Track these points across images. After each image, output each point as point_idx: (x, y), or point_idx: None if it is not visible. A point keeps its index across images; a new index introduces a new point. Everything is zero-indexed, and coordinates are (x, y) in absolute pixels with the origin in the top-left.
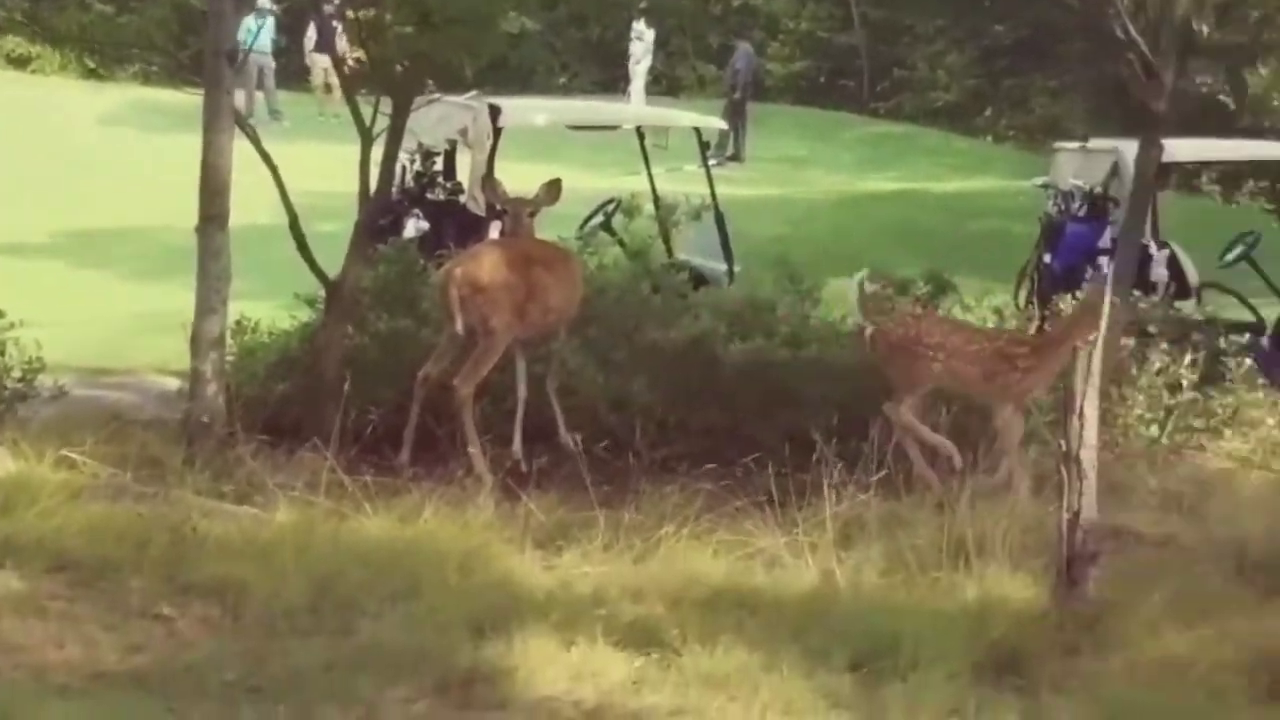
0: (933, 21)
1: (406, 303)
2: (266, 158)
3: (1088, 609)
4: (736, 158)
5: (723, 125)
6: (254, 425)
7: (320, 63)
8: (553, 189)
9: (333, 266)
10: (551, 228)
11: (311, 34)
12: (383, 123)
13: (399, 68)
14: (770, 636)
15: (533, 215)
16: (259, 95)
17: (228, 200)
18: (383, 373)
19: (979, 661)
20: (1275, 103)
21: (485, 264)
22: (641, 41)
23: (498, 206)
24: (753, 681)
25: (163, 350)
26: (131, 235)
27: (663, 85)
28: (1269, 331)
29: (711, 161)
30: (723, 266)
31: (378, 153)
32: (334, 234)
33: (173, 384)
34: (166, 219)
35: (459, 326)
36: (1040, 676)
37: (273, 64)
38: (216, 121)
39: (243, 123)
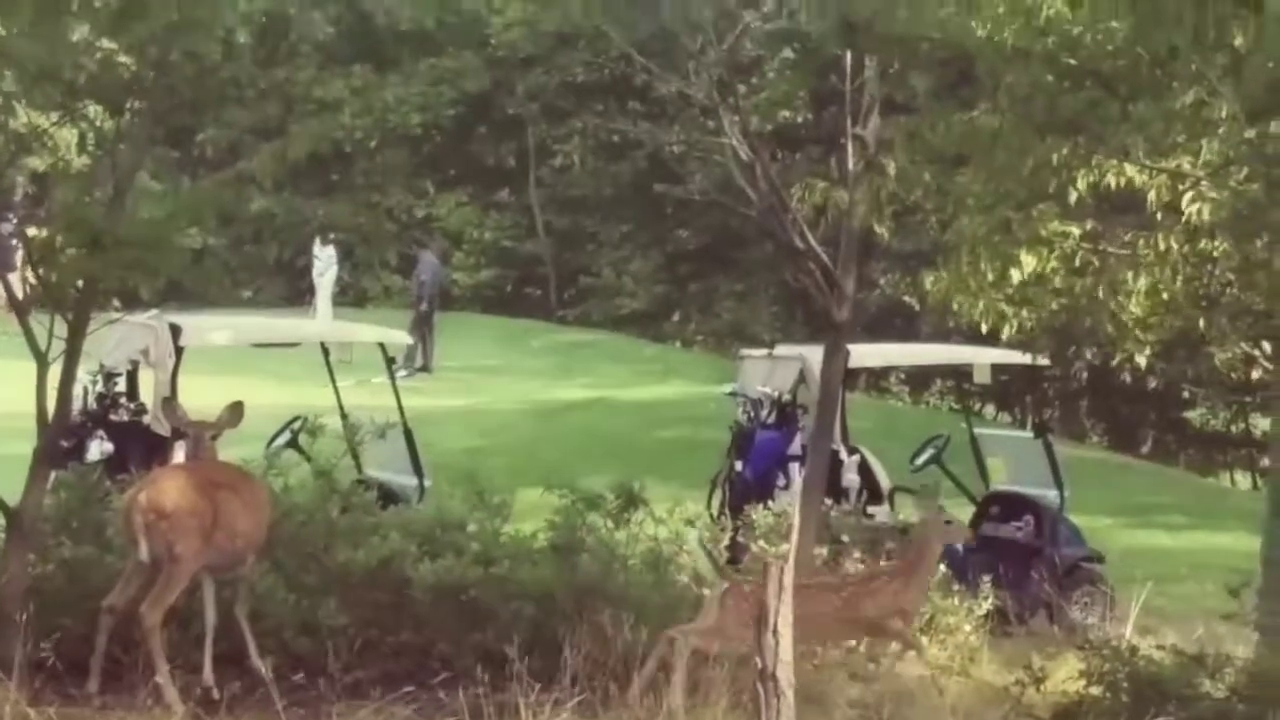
0: (617, 228)
1: (90, 529)
2: None
3: None
4: (425, 368)
5: (408, 340)
6: None
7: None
8: (235, 411)
9: (21, 489)
10: (239, 446)
11: None
12: (61, 345)
13: (72, 290)
14: None
15: (214, 438)
16: None
17: None
18: (67, 600)
19: None
20: (955, 306)
21: (169, 490)
22: (320, 259)
23: (179, 429)
24: None
25: None
26: None
27: (350, 296)
28: None
29: (401, 373)
30: (413, 481)
31: (56, 376)
32: (22, 455)
33: None
34: None
35: (143, 554)
36: None
37: None
38: None
39: None
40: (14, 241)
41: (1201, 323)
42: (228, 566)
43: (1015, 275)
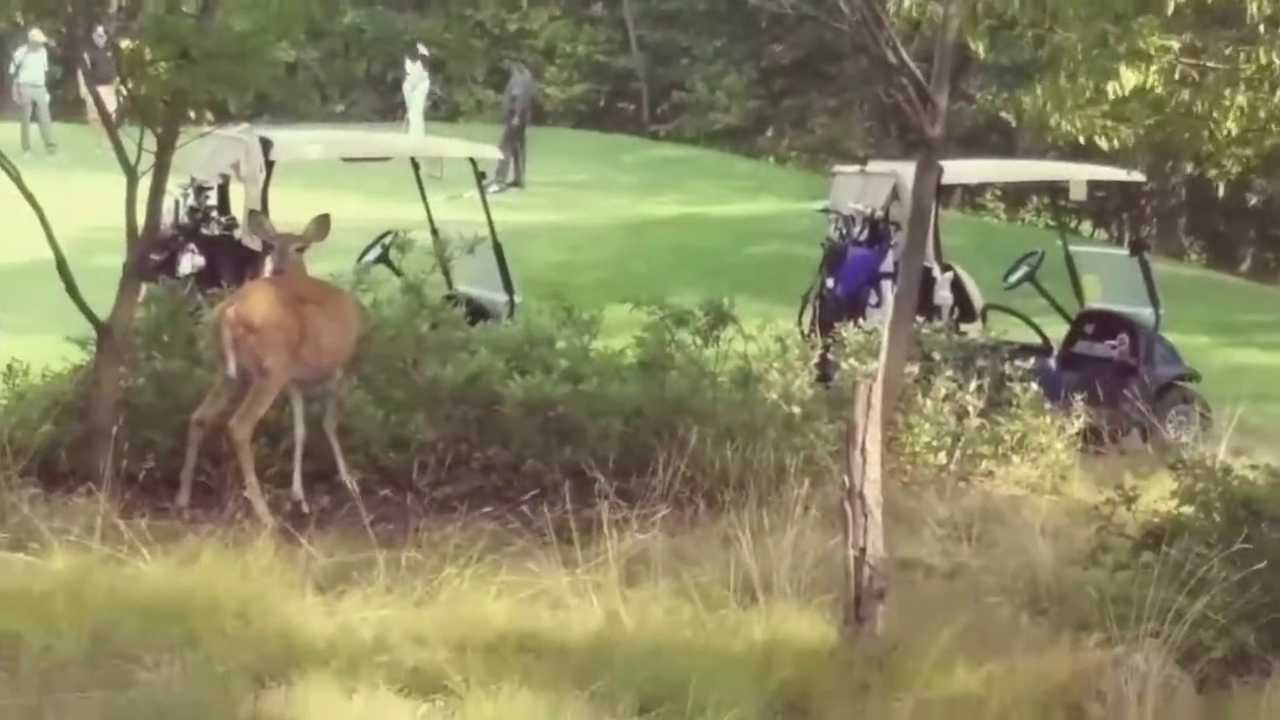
0: (711, 43)
1: (180, 343)
2: (30, 198)
3: (877, 647)
4: (517, 184)
5: (498, 155)
6: (27, 471)
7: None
8: (322, 224)
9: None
10: (330, 261)
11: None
12: (151, 159)
13: (161, 103)
14: (555, 681)
15: (301, 251)
16: (34, 128)
17: None
18: (157, 414)
19: (768, 703)
20: (1053, 121)
21: (257, 304)
22: (411, 74)
23: (267, 242)
24: None
25: None
26: None
27: (442, 111)
28: (1055, 353)
29: (492, 189)
30: (503, 297)
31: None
32: (114, 268)
33: None
34: None
35: (231, 368)
36: (830, 717)
37: (46, 96)
38: None
39: (4, 161)
40: (109, 54)
41: None
42: (315, 381)
43: (1113, 90)
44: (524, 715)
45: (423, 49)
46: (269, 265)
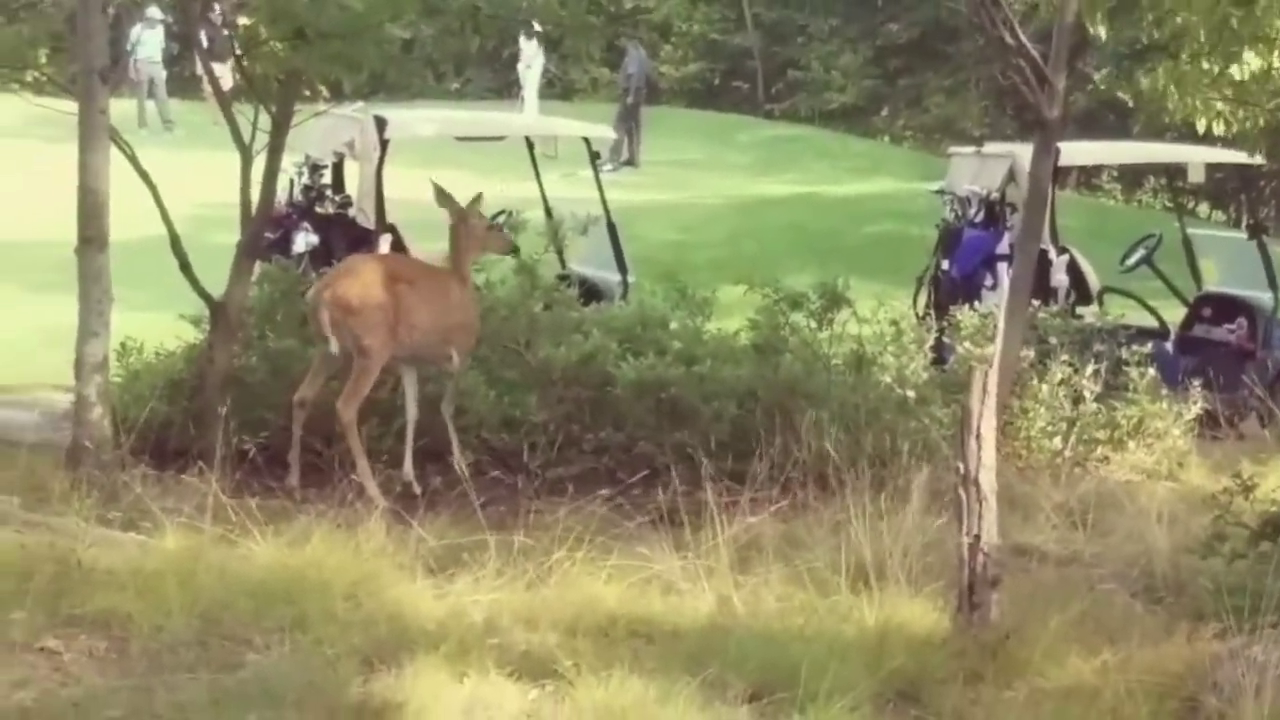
0: (826, 21)
1: (293, 321)
2: (145, 176)
3: (990, 635)
4: (631, 162)
5: (612, 134)
6: (140, 449)
7: (215, 70)
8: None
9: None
10: (443, 238)
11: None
12: (265, 137)
13: (276, 82)
14: (667, 666)
15: (491, 227)
16: (150, 104)
17: (106, 222)
18: (269, 394)
19: (880, 691)
20: (1169, 103)
21: (354, 284)
22: (526, 51)
23: (454, 219)
24: (649, 714)
25: (63, 365)
26: (31, 247)
27: (557, 89)
28: (1172, 337)
29: (606, 167)
30: (617, 277)
31: (261, 168)
32: (228, 246)
33: (68, 402)
34: (66, 232)
35: (334, 347)
36: (942, 706)
37: (163, 73)
38: (91, 141)
39: (119, 139)
40: (225, 32)
41: None
42: (421, 360)
43: (1236, 73)
44: (635, 701)
45: (537, 26)
46: (384, 244)
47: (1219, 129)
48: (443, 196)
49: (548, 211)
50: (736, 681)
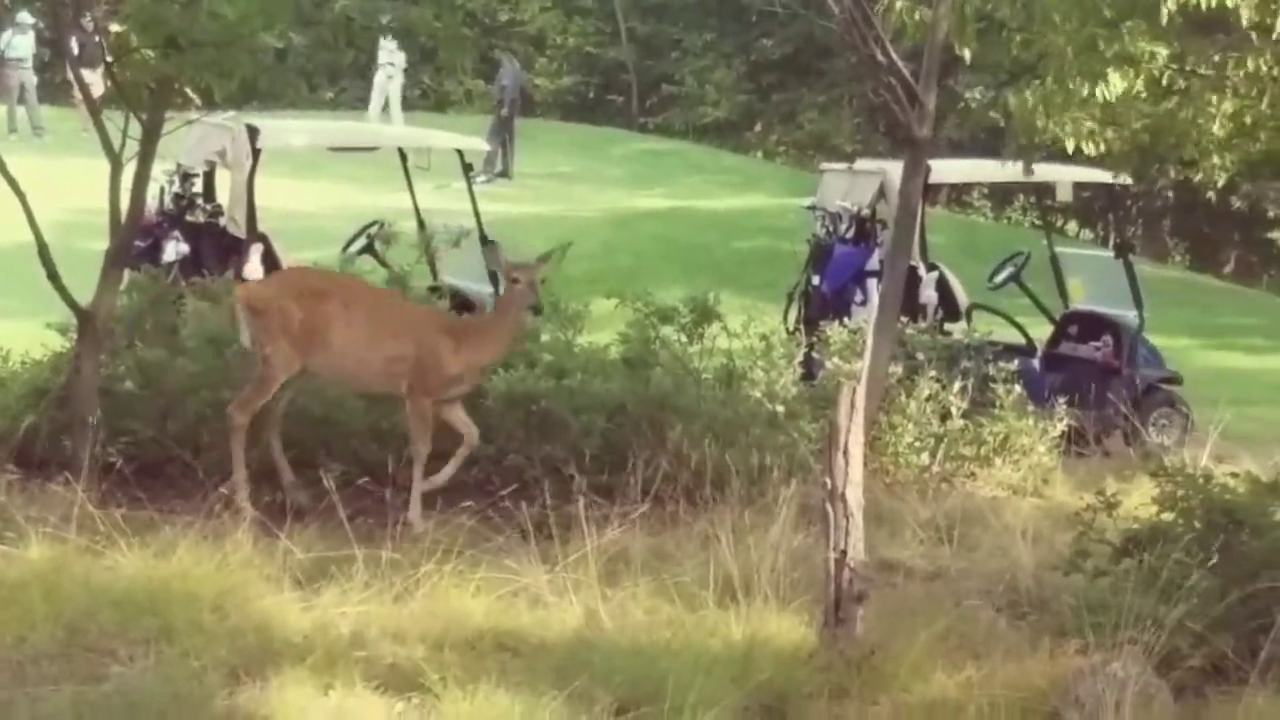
0: (700, 36)
1: (162, 331)
2: (13, 182)
3: (856, 650)
4: (505, 175)
5: (485, 146)
6: (5, 458)
7: (87, 78)
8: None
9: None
10: (314, 250)
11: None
12: (136, 145)
13: (147, 89)
14: (533, 679)
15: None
16: (21, 110)
17: None
18: (137, 403)
19: (745, 705)
20: (1040, 124)
21: (270, 288)
22: (392, 63)
23: (504, 275)
24: None
25: None
26: None
27: (430, 100)
28: (1039, 354)
29: (480, 179)
30: (489, 290)
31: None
32: (98, 253)
33: None
34: None
35: (244, 339)
36: (807, 719)
37: (34, 78)
38: None
39: None
40: (96, 38)
41: None
42: (359, 387)
43: (1101, 95)
44: (501, 714)
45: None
46: (254, 253)
47: (1088, 149)
48: (491, 256)
49: (420, 223)
50: (603, 695)
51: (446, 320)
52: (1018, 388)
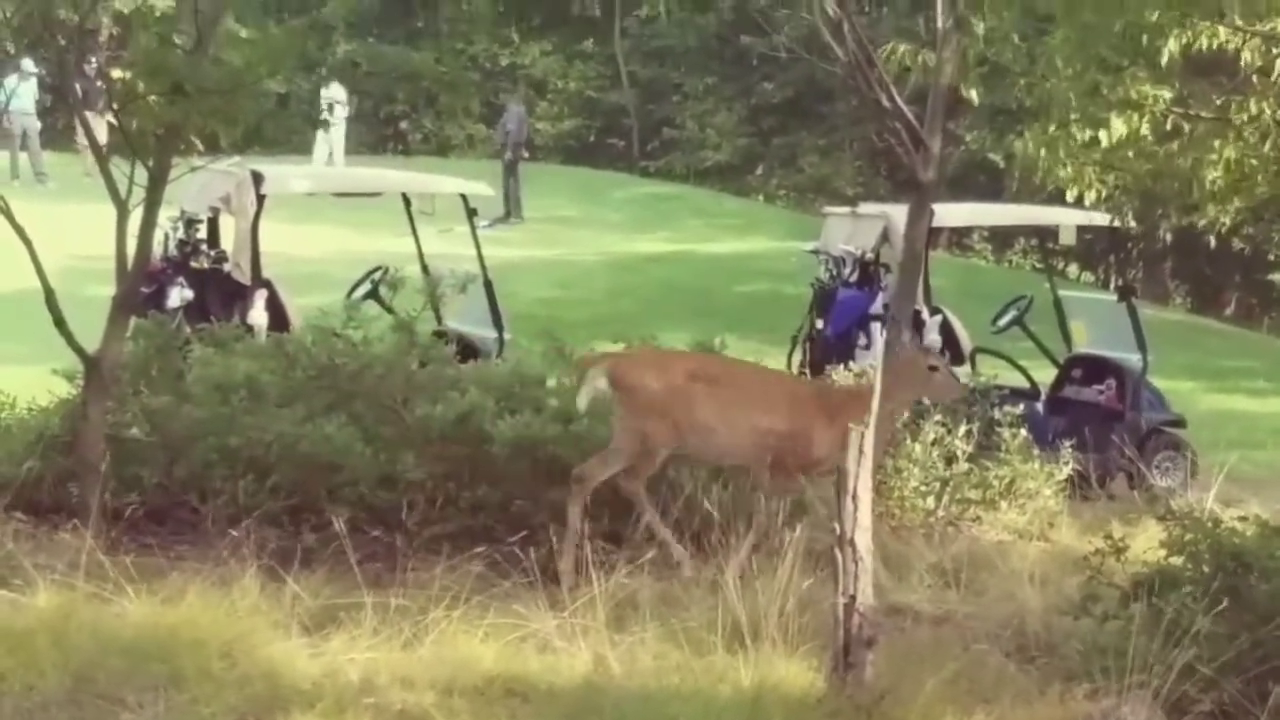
0: (701, 80)
1: (168, 378)
2: (18, 228)
3: (865, 695)
4: (510, 219)
5: (489, 191)
6: (13, 505)
7: (90, 122)
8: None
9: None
10: (319, 294)
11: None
12: (141, 191)
13: (153, 136)
14: None
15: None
16: (23, 156)
17: None
18: (144, 450)
19: None
20: (1043, 168)
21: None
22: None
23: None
24: None
25: None
26: None
27: (432, 145)
28: (1043, 398)
29: (484, 223)
30: (493, 334)
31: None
32: (104, 298)
33: None
34: None
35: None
36: None
37: (37, 124)
38: None
39: None
40: (99, 84)
41: None
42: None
43: (1104, 139)
44: None
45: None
46: (259, 299)
47: (1090, 196)
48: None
49: (424, 268)
50: None
51: (825, 396)
52: (1023, 431)
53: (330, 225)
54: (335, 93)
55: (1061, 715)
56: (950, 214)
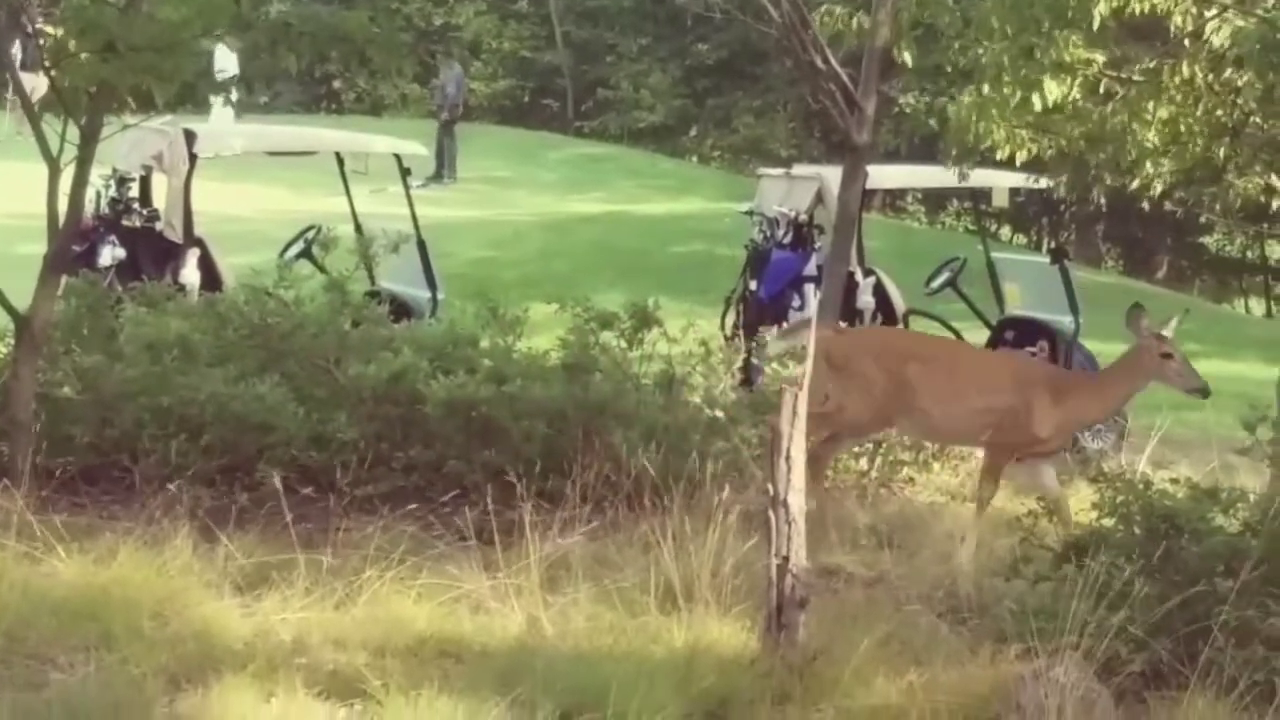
0: (636, 41)
1: (99, 337)
2: None
3: (798, 656)
4: (440, 178)
5: (423, 151)
6: None
7: (28, 82)
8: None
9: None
10: (250, 254)
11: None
12: (73, 149)
13: (85, 94)
14: (476, 686)
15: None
16: None
17: None
18: (75, 409)
19: (688, 711)
20: (976, 132)
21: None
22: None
23: (1145, 341)
24: None
25: None
26: None
27: (365, 104)
28: None
29: (418, 183)
30: (426, 294)
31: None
32: (35, 257)
33: None
34: None
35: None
36: None
37: None
38: None
39: None
40: (35, 41)
41: (1221, 152)
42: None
43: (1038, 102)
44: None
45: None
46: (190, 258)
47: (1022, 156)
48: (1136, 320)
49: (357, 228)
50: (545, 702)
51: (1049, 375)
52: None
53: (263, 184)
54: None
55: (993, 676)
56: (884, 176)
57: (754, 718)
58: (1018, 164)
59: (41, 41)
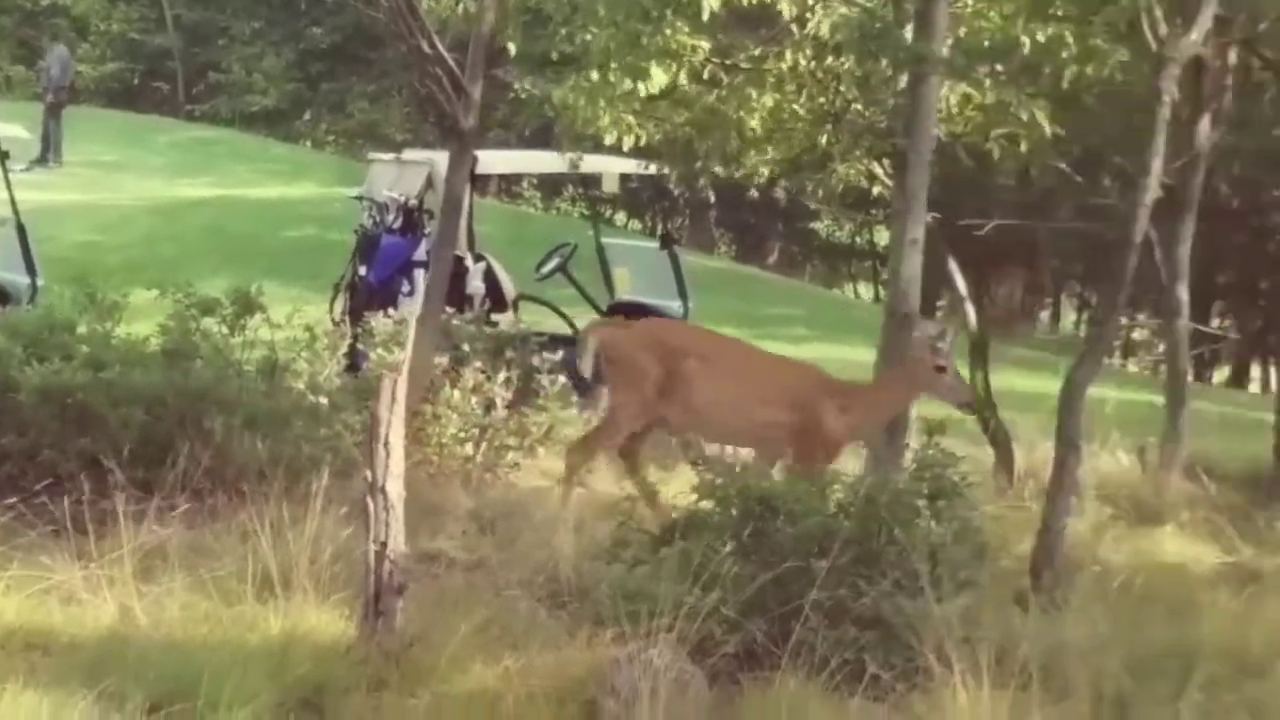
0: (248, 24)
1: None
2: None
3: (395, 642)
4: (45, 161)
5: (24, 134)
6: None
7: None
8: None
9: None
10: None
11: None
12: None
13: None
14: (64, 679)
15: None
16: None
17: None
18: None
19: (282, 700)
20: (584, 117)
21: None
22: None
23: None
24: None
25: None
26: None
27: None
28: None
29: (20, 167)
30: (25, 279)
31: None
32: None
33: None
34: None
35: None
36: (345, 714)
37: None
38: None
39: None
40: None
41: (824, 139)
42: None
43: (644, 89)
44: (28, 715)
45: None
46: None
47: (629, 142)
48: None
49: None
50: (136, 692)
51: (830, 385)
52: (562, 378)
53: None
54: None
55: (589, 660)
56: (494, 161)
57: (349, 705)
58: (625, 150)
59: None
